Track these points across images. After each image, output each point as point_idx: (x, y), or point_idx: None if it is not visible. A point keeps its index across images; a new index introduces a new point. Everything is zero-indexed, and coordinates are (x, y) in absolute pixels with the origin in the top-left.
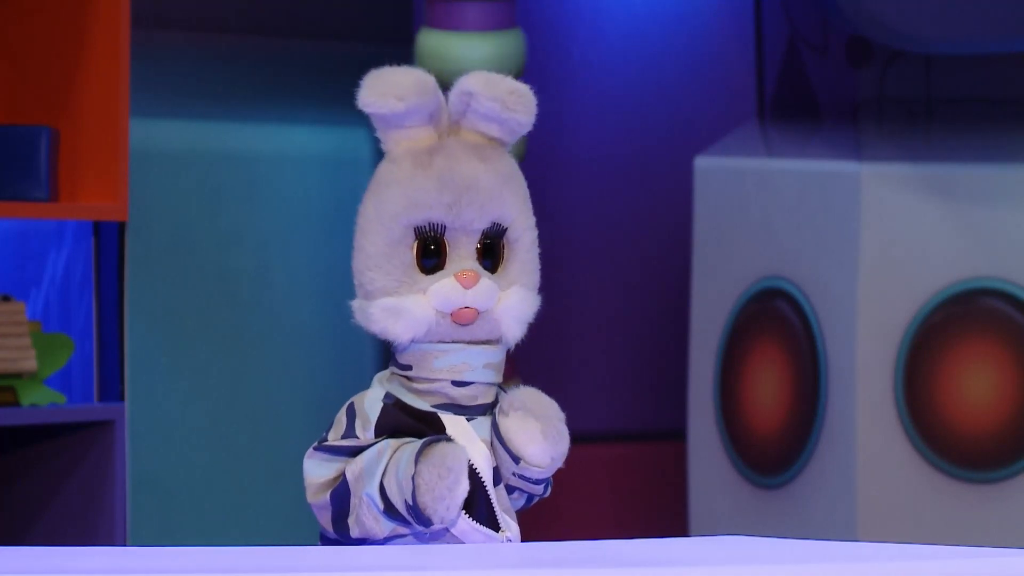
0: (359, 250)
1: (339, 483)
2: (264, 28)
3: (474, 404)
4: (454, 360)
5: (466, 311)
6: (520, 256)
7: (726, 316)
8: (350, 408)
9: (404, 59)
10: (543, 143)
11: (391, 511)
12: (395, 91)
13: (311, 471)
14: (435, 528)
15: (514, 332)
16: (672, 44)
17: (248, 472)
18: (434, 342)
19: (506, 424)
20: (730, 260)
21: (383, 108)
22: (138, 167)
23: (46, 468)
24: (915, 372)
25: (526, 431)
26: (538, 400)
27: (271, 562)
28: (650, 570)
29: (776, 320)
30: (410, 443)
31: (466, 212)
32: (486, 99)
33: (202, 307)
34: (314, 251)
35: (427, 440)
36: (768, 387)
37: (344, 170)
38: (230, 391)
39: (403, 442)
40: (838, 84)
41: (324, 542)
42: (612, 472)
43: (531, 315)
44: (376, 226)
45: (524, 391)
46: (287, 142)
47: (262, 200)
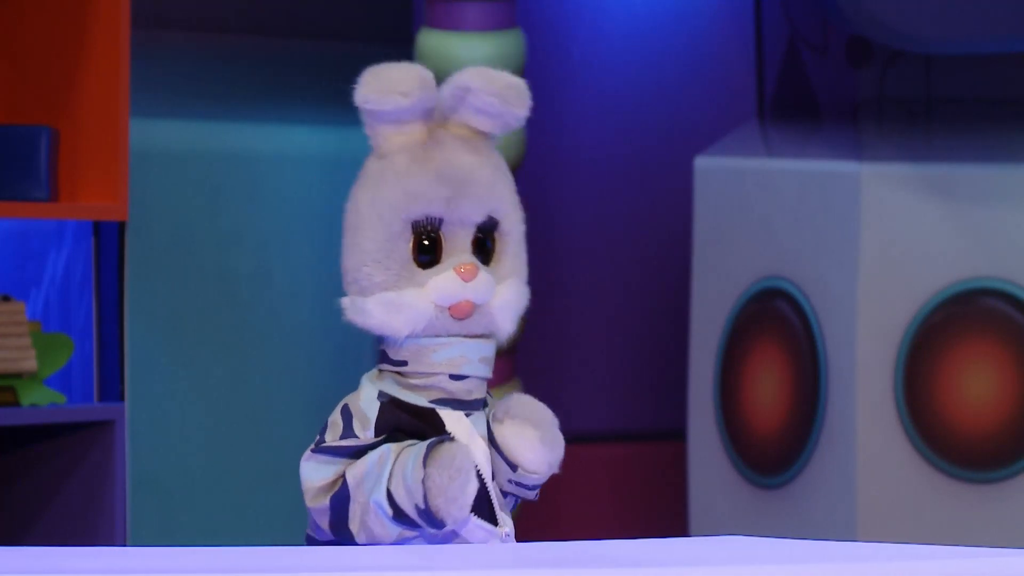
0: (353, 247)
1: (339, 487)
2: (264, 28)
3: (470, 398)
4: (452, 353)
5: (465, 304)
6: (511, 248)
7: (726, 316)
8: (344, 409)
9: (404, 59)
10: (543, 143)
11: (400, 516)
12: (398, 87)
13: (309, 474)
14: (448, 530)
15: (507, 326)
16: (672, 44)
17: (248, 472)
18: (430, 336)
19: (502, 432)
20: (730, 260)
21: (386, 105)
22: (138, 167)
23: (46, 468)
24: (915, 372)
25: (524, 439)
26: (533, 407)
27: (271, 562)
28: (650, 570)
29: (776, 320)
30: (412, 445)
31: (464, 205)
32: (485, 94)
33: (202, 307)
34: (314, 251)
35: (432, 442)
36: (768, 387)
37: (344, 170)
38: (230, 391)
39: (404, 446)
40: (838, 84)
41: (310, 542)
42: (612, 472)
43: (523, 309)
44: (373, 221)
45: (518, 398)
46: (287, 142)
47: (262, 200)
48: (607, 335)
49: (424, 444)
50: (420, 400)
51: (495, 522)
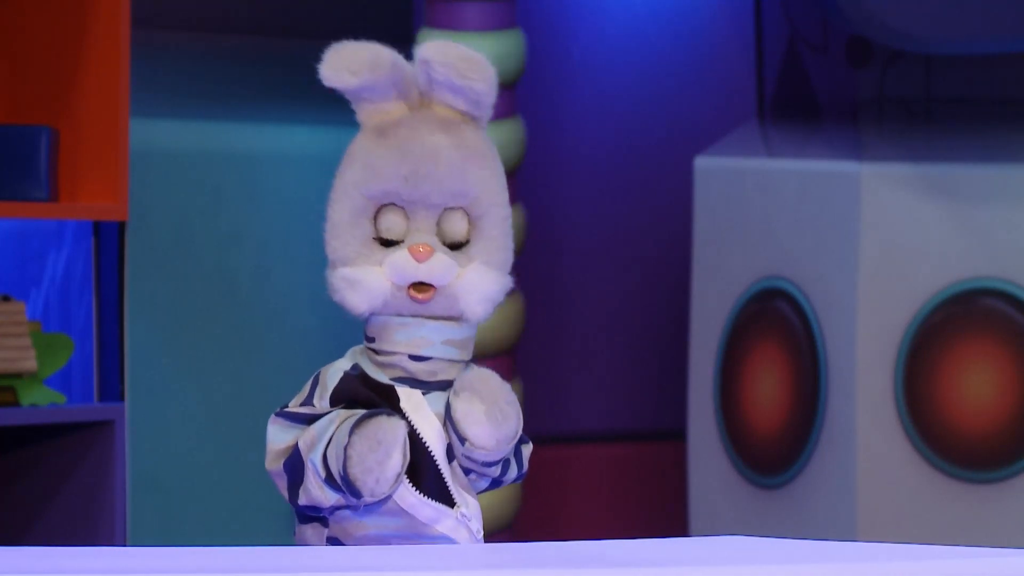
0: (327, 220)
1: (292, 452)
2: (264, 28)
3: (433, 380)
4: (412, 334)
5: (420, 289)
6: (485, 233)
7: (726, 316)
8: (316, 376)
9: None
10: (543, 143)
11: (332, 480)
12: (349, 65)
13: (271, 438)
14: (365, 501)
15: (474, 309)
16: (672, 44)
17: (248, 472)
18: (393, 315)
19: (454, 404)
20: (730, 260)
21: (337, 82)
22: (138, 167)
23: (46, 468)
24: (915, 372)
25: (471, 413)
26: (486, 381)
27: (271, 562)
28: (650, 570)
29: (776, 320)
30: (356, 414)
31: (424, 185)
32: (439, 65)
33: (202, 307)
34: (314, 251)
35: (367, 412)
36: (768, 387)
37: None
38: (230, 391)
39: (352, 413)
40: (838, 84)
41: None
42: (612, 472)
43: (496, 293)
44: (340, 196)
45: (475, 371)
46: (287, 142)
47: (262, 200)
48: (607, 335)
49: (361, 413)
50: (383, 377)
51: (450, 502)
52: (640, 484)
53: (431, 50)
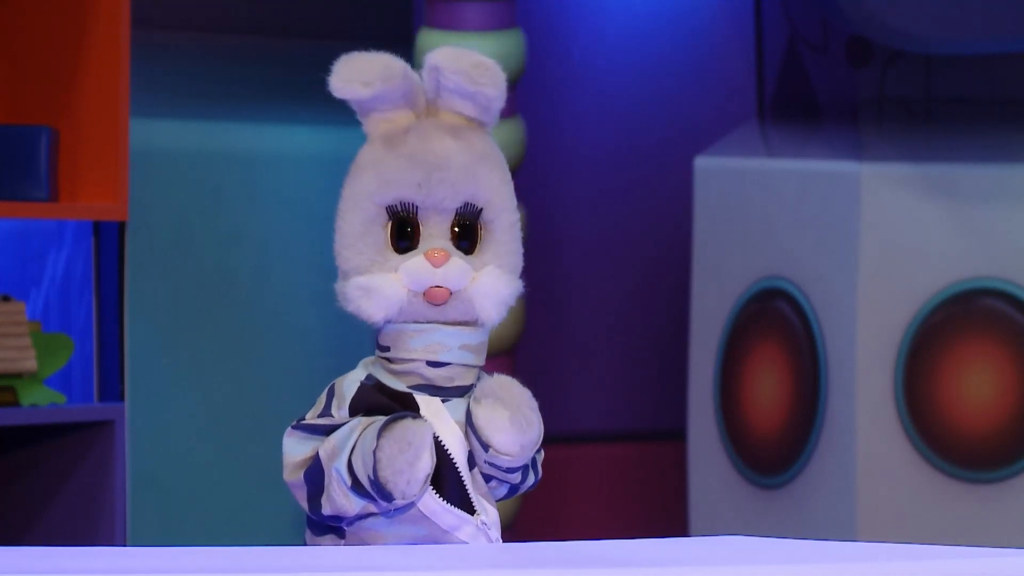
0: (337, 230)
1: (313, 462)
2: (264, 28)
3: (451, 385)
4: (428, 340)
5: (437, 290)
6: (497, 237)
7: (726, 316)
8: (330, 388)
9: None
10: (543, 143)
11: (358, 487)
12: (361, 77)
13: (289, 449)
14: (397, 504)
15: (489, 313)
16: (672, 44)
17: (248, 472)
18: (409, 322)
19: (476, 412)
20: (730, 260)
21: (349, 94)
22: (138, 167)
23: (46, 468)
24: (915, 372)
25: (495, 419)
26: (509, 388)
27: (271, 562)
28: (650, 570)
29: (776, 320)
30: (379, 419)
31: (436, 190)
32: (451, 72)
33: (202, 307)
34: (314, 251)
35: (392, 416)
36: (768, 387)
37: (344, 170)
38: (230, 391)
39: (374, 419)
40: (838, 84)
41: (308, 521)
42: (612, 472)
43: (509, 297)
44: (351, 206)
45: (496, 379)
46: (287, 142)
47: (262, 200)
48: (607, 335)
49: (385, 417)
50: (400, 385)
51: (471, 510)
52: (640, 484)
53: (442, 57)
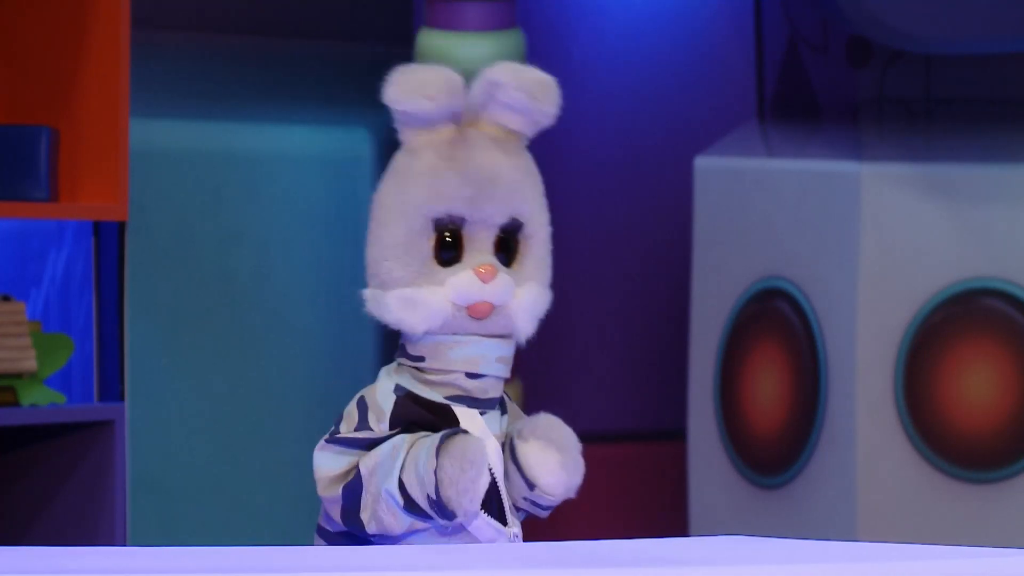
0: (376, 240)
1: (352, 477)
2: (264, 28)
3: (485, 397)
4: (469, 352)
5: (483, 305)
6: (535, 251)
7: (726, 316)
8: (361, 401)
9: (404, 59)
10: (543, 143)
11: (411, 506)
12: (425, 90)
13: (323, 464)
14: (458, 522)
15: (527, 328)
16: (672, 44)
17: (248, 472)
18: (448, 334)
19: (525, 450)
20: (730, 260)
21: (413, 107)
22: (138, 167)
23: (46, 468)
24: (915, 372)
25: (545, 461)
26: (559, 430)
27: (271, 562)
28: (650, 570)
29: (776, 320)
30: (425, 437)
31: (487, 206)
32: (514, 89)
33: (202, 307)
34: (314, 251)
35: (445, 433)
36: (768, 387)
37: (344, 170)
38: (230, 391)
39: (418, 437)
40: (838, 84)
41: (321, 532)
42: (612, 472)
43: (543, 312)
44: (396, 216)
45: (544, 418)
46: (287, 142)
47: (262, 200)
48: (608, 335)
49: (438, 435)
50: (436, 396)
51: (504, 521)
52: (640, 484)
53: (504, 73)
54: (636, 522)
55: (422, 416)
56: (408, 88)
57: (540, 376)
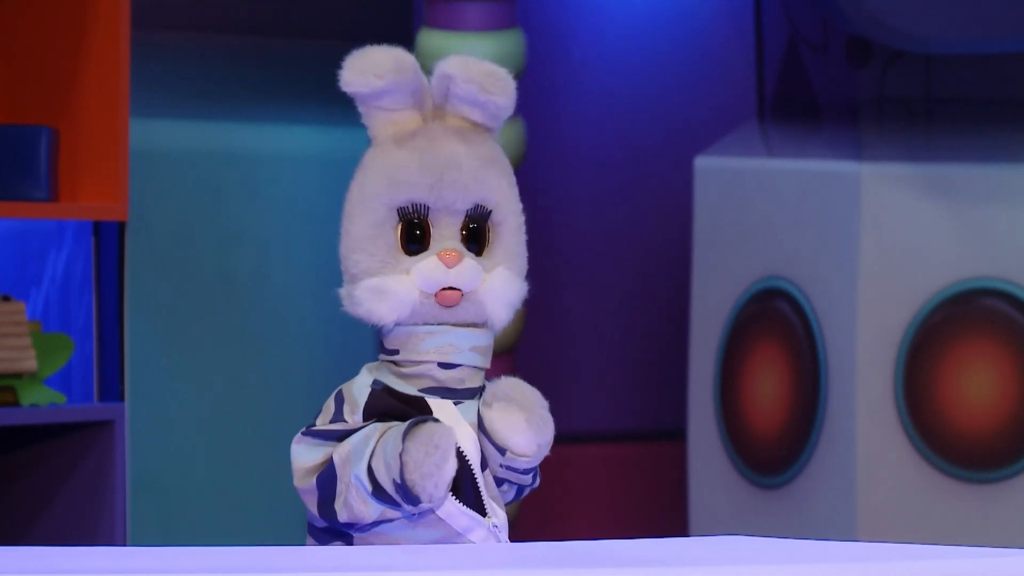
0: (344, 234)
1: (326, 467)
2: (264, 28)
3: (461, 387)
4: (440, 342)
5: (450, 292)
6: (505, 240)
7: (726, 316)
8: (338, 395)
9: None
10: (543, 143)
11: (379, 492)
12: (374, 69)
13: (299, 456)
14: (423, 507)
15: (500, 315)
16: (672, 44)
17: (248, 472)
18: (419, 324)
19: (490, 416)
20: (730, 260)
21: (363, 87)
22: (138, 167)
23: (46, 468)
24: (915, 372)
25: (510, 422)
26: (520, 390)
27: (271, 562)
28: (650, 570)
29: (776, 320)
30: (398, 425)
31: (448, 192)
32: (463, 81)
33: (202, 307)
34: (314, 251)
35: (414, 420)
36: (768, 387)
37: (344, 170)
38: (230, 391)
39: (389, 425)
40: (838, 84)
41: (311, 529)
42: (612, 472)
43: (517, 299)
44: (360, 208)
45: (506, 381)
46: (287, 142)
47: (262, 200)
48: (607, 335)
49: (407, 422)
50: (410, 389)
51: (482, 512)
52: (640, 484)
53: (454, 66)
54: (636, 522)
55: (395, 408)
56: (358, 68)
57: (540, 376)
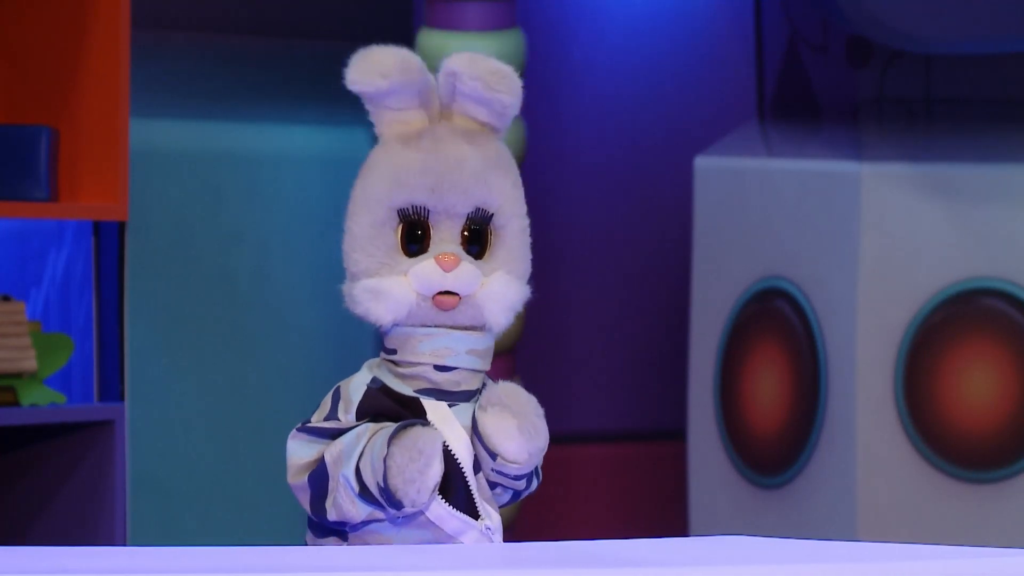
0: (346, 232)
1: (318, 466)
2: (264, 28)
3: (457, 390)
4: (436, 344)
5: (447, 297)
6: (507, 243)
7: (726, 316)
8: (336, 391)
9: None
10: (543, 143)
11: (366, 494)
12: (379, 69)
13: (293, 452)
14: (406, 511)
15: (498, 319)
16: (672, 44)
17: (248, 472)
18: (417, 326)
19: (483, 420)
20: (730, 260)
21: (368, 86)
22: (138, 167)
23: (46, 468)
24: (915, 372)
25: (502, 427)
26: (515, 396)
27: (271, 562)
28: (650, 570)
29: (776, 320)
30: (388, 426)
31: (449, 195)
32: (468, 78)
33: (202, 307)
34: (314, 251)
35: (402, 423)
36: (768, 387)
37: (344, 170)
38: (230, 391)
39: (381, 426)
40: (838, 84)
41: (310, 523)
42: (612, 472)
43: (517, 303)
44: (362, 208)
45: (502, 386)
46: (287, 142)
47: (262, 200)
48: (607, 335)
49: (395, 425)
50: (406, 389)
51: (475, 515)
52: (640, 484)
53: (460, 63)
54: (636, 522)
55: (390, 409)
56: (363, 68)
57: (540, 376)
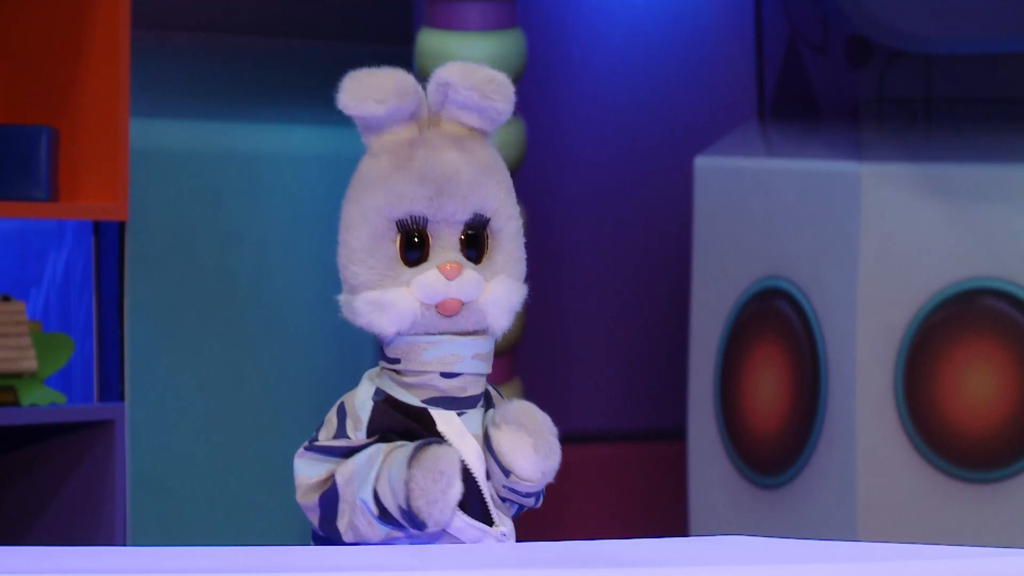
0: (343, 245)
1: (329, 486)
2: (264, 28)
3: (464, 396)
4: (442, 352)
5: (451, 302)
6: (504, 245)
7: (726, 316)
8: (340, 408)
9: (404, 59)
10: (543, 143)
11: (385, 516)
12: (374, 94)
13: (301, 471)
14: (430, 531)
15: (500, 322)
16: (672, 44)
17: (248, 472)
18: (420, 334)
19: (498, 437)
20: (730, 260)
21: (363, 111)
22: (138, 167)
23: (46, 468)
24: (915, 372)
25: (518, 446)
26: (531, 415)
27: (271, 562)
28: (650, 570)
29: (776, 320)
30: (401, 447)
31: (447, 204)
32: (463, 88)
33: (202, 307)
34: (314, 251)
35: (419, 443)
36: (768, 387)
37: (344, 170)
38: (230, 391)
39: (394, 446)
40: (838, 84)
41: (315, 539)
42: (612, 472)
43: (517, 305)
44: (359, 221)
45: (517, 404)
46: (287, 142)
47: (262, 200)
48: (607, 335)
49: (412, 445)
50: (413, 399)
51: (489, 521)
52: (640, 484)
53: (453, 73)
54: (636, 522)
55: (399, 421)
56: (358, 94)
57: (540, 376)
